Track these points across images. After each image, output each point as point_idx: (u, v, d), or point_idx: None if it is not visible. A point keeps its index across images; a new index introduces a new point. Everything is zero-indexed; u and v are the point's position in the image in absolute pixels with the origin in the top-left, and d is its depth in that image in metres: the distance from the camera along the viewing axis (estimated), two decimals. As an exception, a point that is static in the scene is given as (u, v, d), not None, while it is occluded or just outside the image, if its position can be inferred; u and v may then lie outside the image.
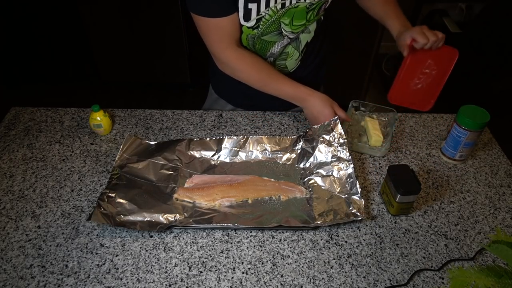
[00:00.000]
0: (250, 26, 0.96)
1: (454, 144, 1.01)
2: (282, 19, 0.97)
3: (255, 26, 0.97)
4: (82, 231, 0.86)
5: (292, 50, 1.07)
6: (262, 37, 1.01)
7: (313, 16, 1.00)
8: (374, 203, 0.94)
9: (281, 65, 1.10)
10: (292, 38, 1.04)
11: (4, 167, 1.00)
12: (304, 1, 0.95)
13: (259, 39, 1.01)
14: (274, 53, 1.06)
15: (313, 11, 0.99)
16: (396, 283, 0.79)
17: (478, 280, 0.59)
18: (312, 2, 0.96)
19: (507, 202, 0.96)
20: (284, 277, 0.79)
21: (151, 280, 0.78)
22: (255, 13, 0.93)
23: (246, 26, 0.96)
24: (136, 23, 2.41)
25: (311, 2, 0.96)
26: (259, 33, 0.99)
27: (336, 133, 1.00)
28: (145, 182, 0.95)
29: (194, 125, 1.14)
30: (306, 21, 1.00)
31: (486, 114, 0.97)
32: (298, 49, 1.08)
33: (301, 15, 0.98)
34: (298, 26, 1.00)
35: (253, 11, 0.93)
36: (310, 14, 0.99)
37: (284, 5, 0.94)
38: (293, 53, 1.08)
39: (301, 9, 0.97)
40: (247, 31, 0.98)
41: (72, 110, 1.18)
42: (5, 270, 0.79)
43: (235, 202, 0.91)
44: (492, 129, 1.16)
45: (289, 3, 0.94)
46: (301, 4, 0.95)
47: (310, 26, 1.04)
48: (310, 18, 1.00)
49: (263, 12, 0.94)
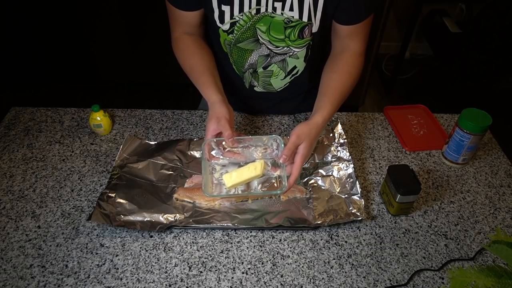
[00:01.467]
0: (225, 30, 0.95)
1: (457, 148, 1.01)
2: (258, 25, 0.94)
3: (230, 31, 0.95)
4: (82, 231, 0.86)
5: (277, 70, 1.04)
6: (238, 44, 0.98)
7: (294, 35, 0.95)
8: (374, 203, 0.94)
9: (266, 82, 1.07)
10: (275, 53, 0.99)
11: (4, 167, 1.00)
12: (281, 15, 0.91)
13: (235, 47, 0.99)
14: (253, 63, 1.03)
15: (293, 30, 0.94)
16: (396, 283, 0.79)
17: (478, 280, 0.59)
18: (291, 19, 0.92)
19: (507, 202, 0.96)
20: (284, 277, 0.79)
21: (151, 280, 0.78)
22: (228, 16, 0.92)
23: (222, 29, 0.96)
24: (136, 24, 2.41)
25: (289, 19, 0.92)
26: (235, 39, 0.97)
27: (336, 133, 1.00)
28: (145, 182, 0.95)
29: (194, 125, 1.14)
30: (286, 37, 0.95)
31: (488, 116, 0.97)
32: (284, 70, 1.04)
33: (278, 28, 0.94)
34: (277, 40, 0.96)
35: (227, 14, 0.92)
36: (290, 31, 0.94)
37: (259, 11, 0.91)
38: (279, 72, 1.04)
39: (278, 22, 0.93)
40: (223, 35, 0.98)
41: (72, 110, 1.18)
42: (5, 270, 0.79)
43: (235, 202, 0.91)
44: (492, 129, 1.15)
45: (264, 9, 0.91)
46: (277, 16, 0.92)
47: (299, 53, 1.00)
48: (291, 36, 0.95)
49: (236, 17, 0.92)
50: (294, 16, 0.92)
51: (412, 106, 1.24)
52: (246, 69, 1.05)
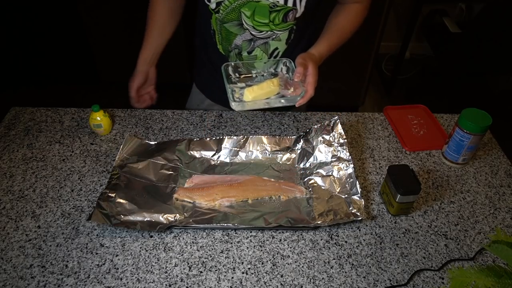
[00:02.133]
0: (212, 8, 0.99)
1: (457, 148, 1.01)
2: (243, 9, 0.97)
3: (216, 10, 0.99)
4: (82, 231, 0.86)
5: (260, 53, 1.07)
6: (224, 25, 1.02)
7: (278, 19, 0.98)
8: (374, 203, 0.94)
9: (250, 65, 1.10)
10: (258, 37, 1.03)
11: (4, 167, 1.00)
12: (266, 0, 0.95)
13: (223, 27, 1.03)
14: (238, 45, 1.07)
15: (277, 14, 0.97)
16: (396, 283, 0.79)
17: (478, 280, 0.59)
18: (276, 3, 0.95)
19: (507, 202, 0.96)
20: (284, 277, 0.79)
21: (151, 280, 0.78)
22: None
23: (210, 7, 0.99)
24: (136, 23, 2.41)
25: (275, 3, 0.95)
26: (221, 18, 1.01)
27: (336, 133, 1.00)
28: (145, 182, 0.95)
29: (194, 125, 1.14)
30: (270, 22, 0.99)
31: (488, 116, 0.97)
32: (267, 52, 1.08)
33: (263, 12, 0.97)
34: (260, 24, 0.99)
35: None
36: (274, 15, 0.97)
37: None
38: (262, 55, 1.08)
39: (264, 6, 0.96)
40: (213, 16, 1.02)
41: (72, 110, 1.18)
42: (5, 270, 0.79)
43: (235, 202, 0.91)
44: (492, 129, 1.15)
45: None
46: (262, 1, 0.95)
47: (281, 35, 1.03)
48: (275, 20, 0.98)
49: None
50: (280, 1, 0.94)
51: (412, 106, 1.24)
52: (232, 48, 1.08)
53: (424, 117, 1.20)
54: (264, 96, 0.96)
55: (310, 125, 1.14)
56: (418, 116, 1.20)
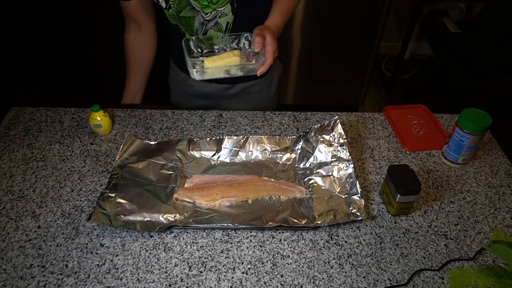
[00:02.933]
0: (165, 7, 1.06)
1: (457, 148, 1.01)
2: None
3: (168, 7, 1.05)
4: (82, 231, 0.86)
5: (215, 34, 1.10)
6: (180, 15, 1.06)
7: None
8: (374, 203, 0.94)
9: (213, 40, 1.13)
10: (208, 19, 1.07)
11: (4, 167, 1.00)
12: None
13: (180, 17, 1.07)
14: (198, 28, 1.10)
15: None
16: (396, 283, 0.79)
17: (478, 280, 0.59)
18: None
19: (507, 202, 0.96)
20: (284, 277, 0.79)
21: (151, 280, 0.78)
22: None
23: (166, 10, 1.06)
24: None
25: None
26: (175, 12, 1.06)
27: (336, 133, 1.00)
28: (145, 182, 0.95)
29: (194, 125, 1.14)
30: (209, 2, 1.02)
31: (488, 116, 0.97)
32: (221, 31, 1.10)
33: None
34: (203, 6, 1.03)
35: None
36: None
37: None
38: (217, 35, 1.10)
39: None
40: (167, 13, 1.08)
41: (72, 110, 1.18)
42: (5, 270, 0.79)
43: (235, 202, 0.91)
44: (492, 129, 1.15)
45: None
46: None
47: (225, 9, 1.06)
48: None
49: None
50: None
51: (412, 106, 1.24)
52: (195, 32, 1.11)
53: (424, 117, 1.20)
54: (224, 65, 0.97)
55: (310, 125, 1.14)
56: (418, 116, 1.20)
